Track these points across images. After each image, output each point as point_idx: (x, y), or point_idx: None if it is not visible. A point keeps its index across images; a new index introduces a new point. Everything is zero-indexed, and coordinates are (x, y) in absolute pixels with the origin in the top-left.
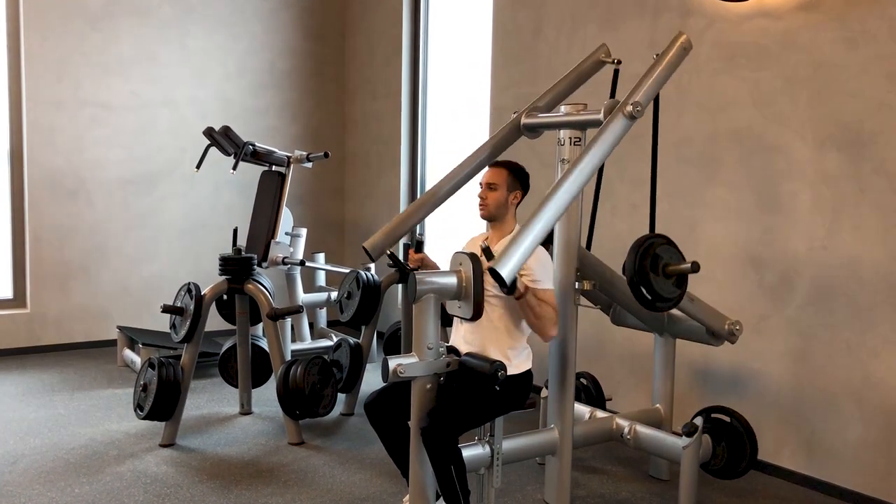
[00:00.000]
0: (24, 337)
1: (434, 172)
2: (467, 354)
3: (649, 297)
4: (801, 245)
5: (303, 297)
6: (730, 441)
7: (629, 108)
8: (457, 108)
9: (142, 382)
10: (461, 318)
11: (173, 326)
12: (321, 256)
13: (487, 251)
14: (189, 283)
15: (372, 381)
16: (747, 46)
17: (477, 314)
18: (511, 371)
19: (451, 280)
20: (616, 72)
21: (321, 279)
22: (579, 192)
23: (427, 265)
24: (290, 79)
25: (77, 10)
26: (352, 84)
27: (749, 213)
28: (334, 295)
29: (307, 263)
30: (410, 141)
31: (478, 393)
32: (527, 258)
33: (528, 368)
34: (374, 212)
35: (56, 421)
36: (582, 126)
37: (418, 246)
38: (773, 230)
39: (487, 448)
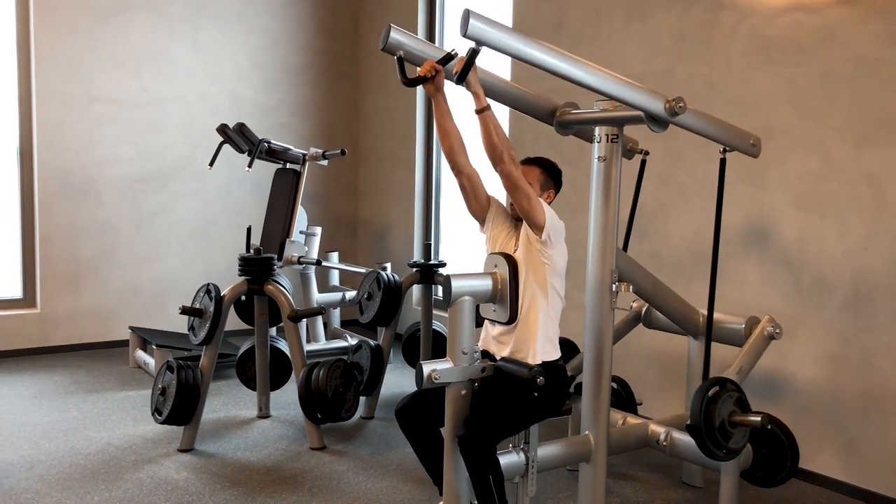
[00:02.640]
0: (34, 337)
1: (449, 170)
2: (503, 359)
3: (720, 453)
4: (839, 246)
5: (317, 296)
6: (770, 448)
7: (672, 101)
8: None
9: (160, 386)
10: (495, 321)
11: (192, 328)
12: (335, 255)
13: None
14: (208, 284)
15: (391, 383)
16: (782, 41)
17: (513, 318)
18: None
19: (487, 283)
20: (643, 162)
21: (335, 279)
22: (571, 67)
23: (437, 82)
24: (303, 75)
25: (87, 7)
26: (365, 80)
27: (783, 212)
28: (349, 295)
29: (323, 263)
30: (426, 138)
31: (515, 399)
32: (502, 43)
33: (559, 357)
34: (388, 210)
35: (70, 424)
36: (620, 122)
37: (444, 58)
38: (809, 231)
39: (522, 456)
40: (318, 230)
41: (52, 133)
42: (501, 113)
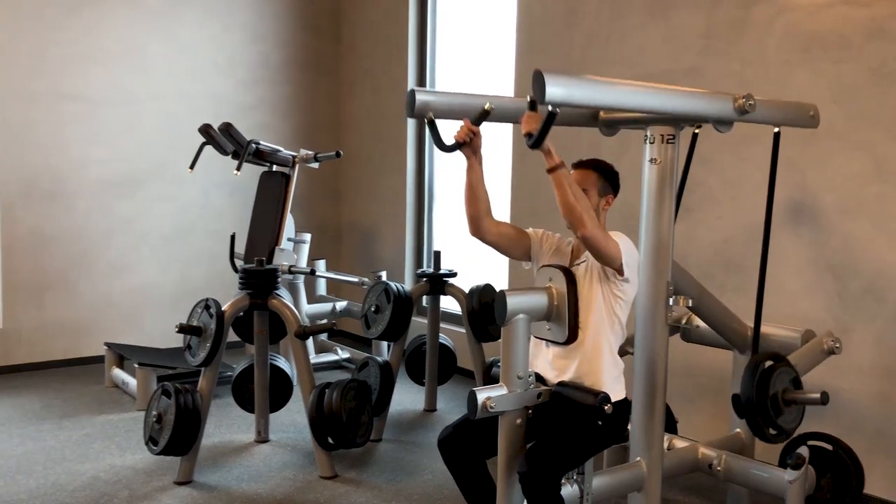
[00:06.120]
0: None
1: (444, 172)
2: (562, 384)
3: (773, 433)
4: (891, 252)
5: (306, 308)
6: (834, 472)
7: (742, 99)
8: None
9: (155, 413)
10: (550, 341)
11: (188, 347)
12: (322, 263)
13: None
14: (207, 299)
15: (394, 400)
16: (826, 36)
17: (571, 337)
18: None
19: (542, 298)
20: (694, 136)
21: (322, 288)
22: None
23: (475, 145)
24: (284, 72)
25: None
26: (350, 77)
27: (827, 217)
28: (339, 305)
29: (316, 272)
30: (417, 138)
31: (579, 428)
32: (587, 98)
33: (624, 396)
34: (376, 215)
35: (48, 455)
36: (678, 121)
37: (479, 117)
38: (855, 236)
39: (576, 488)
40: (308, 237)
41: (16, 133)
42: (505, 132)
